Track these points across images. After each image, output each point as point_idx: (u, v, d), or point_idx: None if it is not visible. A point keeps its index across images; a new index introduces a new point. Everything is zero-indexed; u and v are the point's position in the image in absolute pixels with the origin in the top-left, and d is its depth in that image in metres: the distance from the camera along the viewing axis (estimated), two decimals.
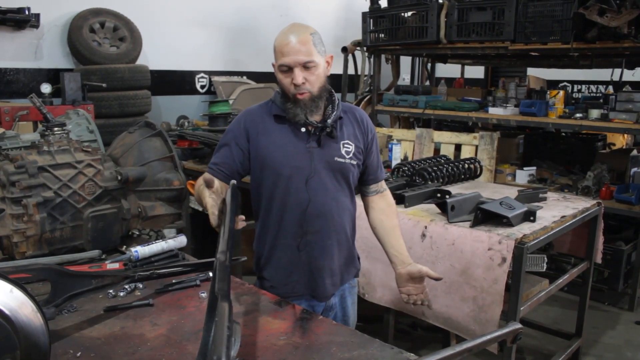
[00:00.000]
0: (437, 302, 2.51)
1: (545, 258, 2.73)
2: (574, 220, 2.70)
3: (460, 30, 4.48)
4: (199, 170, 4.00)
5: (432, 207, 2.71)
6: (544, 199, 2.98)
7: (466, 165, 3.43)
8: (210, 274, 1.76)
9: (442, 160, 3.51)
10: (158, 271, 1.73)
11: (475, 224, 2.41)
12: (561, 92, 4.26)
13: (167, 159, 2.19)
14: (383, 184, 2.07)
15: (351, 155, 1.87)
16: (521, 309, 2.36)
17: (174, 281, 1.75)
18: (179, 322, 1.51)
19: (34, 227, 1.82)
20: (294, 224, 1.84)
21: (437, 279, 1.94)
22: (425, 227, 2.54)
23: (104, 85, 4.89)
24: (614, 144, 5.46)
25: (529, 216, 2.53)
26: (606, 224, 4.58)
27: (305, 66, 1.72)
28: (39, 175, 1.85)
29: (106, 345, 1.37)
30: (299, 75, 1.71)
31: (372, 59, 5.49)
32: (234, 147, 1.85)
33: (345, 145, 1.86)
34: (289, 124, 1.82)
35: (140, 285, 1.73)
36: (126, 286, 1.69)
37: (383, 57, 5.66)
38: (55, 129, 2.01)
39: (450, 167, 3.28)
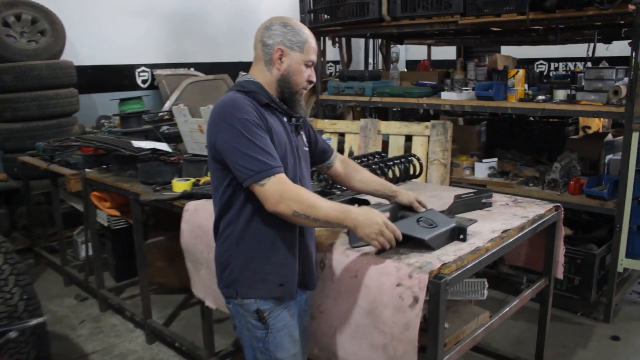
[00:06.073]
0: (343, 349, 1.95)
1: (486, 283, 2.14)
2: (520, 234, 2.12)
3: (404, 5, 3.88)
4: (104, 183, 3.31)
5: None
6: (489, 204, 2.42)
7: (401, 165, 2.87)
8: None
9: (376, 159, 2.95)
10: None
11: (381, 250, 1.84)
12: (521, 72, 3.64)
13: None
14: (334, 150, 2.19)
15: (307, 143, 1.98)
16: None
17: None
18: None
19: None
20: None
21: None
22: (324, 254, 1.97)
23: None
24: (589, 127, 4.87)
25: (459, 234, 1.96)
26: (580, 220, 4.04)
27: None
28: None
29: None
30: (314, 73, 1.82)
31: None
32: (267, 135, 1.69)
33: (305, 135, 1.96)
34: (277, 115, 1.80)
35: None
36: None
37: (330, 41, 5.06)
38: None
39: (378, 168, 2.71)
